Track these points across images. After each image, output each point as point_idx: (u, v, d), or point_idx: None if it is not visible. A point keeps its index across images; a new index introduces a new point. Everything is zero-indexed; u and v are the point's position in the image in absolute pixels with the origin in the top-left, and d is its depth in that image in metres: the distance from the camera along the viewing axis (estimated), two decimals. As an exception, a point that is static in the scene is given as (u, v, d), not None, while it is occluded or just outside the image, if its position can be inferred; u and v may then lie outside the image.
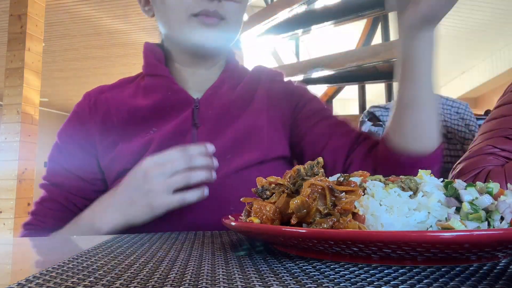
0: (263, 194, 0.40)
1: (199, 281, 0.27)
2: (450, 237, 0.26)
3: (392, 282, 0.26)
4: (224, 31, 0.70)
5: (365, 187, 0.37)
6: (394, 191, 0.35)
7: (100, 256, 0.36)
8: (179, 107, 0.72)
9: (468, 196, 0.34)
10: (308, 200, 0.34)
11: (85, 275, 0.28)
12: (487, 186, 0.36)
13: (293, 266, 0.31)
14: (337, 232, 0.29)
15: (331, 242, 0.29)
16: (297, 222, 0.35)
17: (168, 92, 0.73)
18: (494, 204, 0.34)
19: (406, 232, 0.28)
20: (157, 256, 0.36)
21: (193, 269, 0.30)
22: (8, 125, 3.71)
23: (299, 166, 0.40)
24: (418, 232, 0.28)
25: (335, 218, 0.33)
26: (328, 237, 0.29)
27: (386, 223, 0.33)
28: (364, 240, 0.27)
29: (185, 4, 0.68)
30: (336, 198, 0.35)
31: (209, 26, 0.68)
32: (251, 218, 0.38)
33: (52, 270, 0.30)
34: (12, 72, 3.79)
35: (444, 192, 0.36)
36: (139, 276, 0.28)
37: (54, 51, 6.27)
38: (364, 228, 0.32)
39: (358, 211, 0.34)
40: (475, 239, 0.26)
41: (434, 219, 0.33)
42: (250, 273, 0.29)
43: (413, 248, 0.27)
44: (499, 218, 0.33)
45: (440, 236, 0.26)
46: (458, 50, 6.40)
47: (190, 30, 0.69)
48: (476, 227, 0.32)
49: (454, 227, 0.31)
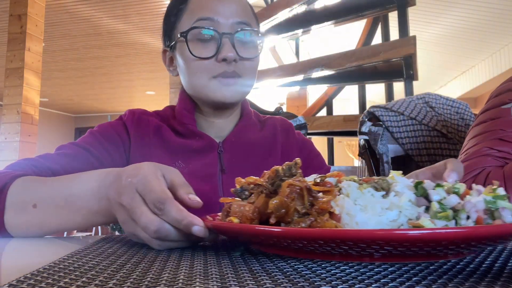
0: (242, 194, 0.41)
1: (192, 280, 0.26)
2: (417, 235, 0.28)
3: (379, 279, 0.26)
4: (241, 86, 0.79)
5: (341, 187, 0.38)
6: (368, 191, 0.37)
7: (92, 256, 0.36)
8: (205, 149, 0.81)
9: (437, 196, 0.36)
10: (286, 200, 0.35)
11: (77, 275, 0.28)
12: (454, 187, 0.38)
13: (271, 265, 0.32)
14: (312, 231, 0.30)
15: (308, 240, 0.30)
16: (276, 222, 0.35)
17: (196, 137, 0.82)
18: (461, 203, 0.35)
19: (382, 230, 0.30)
20: (149, 255, 0.36)
21: (186, 268, 0.30)
22: (8, 125, 3.71)
23: (278, 167, 0.41)
24: (387, 230, 0.30)
25: (313, 218, 0.34)
26: (304, 236, 0.30)
27: (361, 222, 0.34)
28: (340, 238, 0.29)
29: (207, 68, 0.77)
30: (313, 198, 0.36)
31: (228, 85, 0.77)
32: (230, 218, 0.39)
33: (43, 270, 0.29)
34: (12, 72, 3.80)
35: (415, 192, 0.37)
36: (132, 276, 0.28)
37: (54, 51, 6.27)
38: (340, 226, 0.34)
39: (334, 210, 0.35)
40: (442, 237, 0.28)
41: (405, 217, 0.35)
42: (243, 272, 0.29)
43: (385, 245, 0.29)
44: (465, 217, 0.35)
45: (407, 234, 0.28)
46: (458, 50, 6.39)
47: (212, 90, 0.77)
48: (444, 225, 0.34)
49: (424, 226, 0.33)
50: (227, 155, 0.82)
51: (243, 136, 0.85)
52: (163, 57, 0.88)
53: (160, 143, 0.81)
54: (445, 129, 1.37)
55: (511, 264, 0.33)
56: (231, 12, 0.78)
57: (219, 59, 0.76)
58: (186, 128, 0.83)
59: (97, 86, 8.32)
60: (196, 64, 0.77)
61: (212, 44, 0.77)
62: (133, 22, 5.30)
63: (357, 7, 2.45)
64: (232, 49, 0.76)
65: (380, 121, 1.38)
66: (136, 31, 5.58)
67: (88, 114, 10.59)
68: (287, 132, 0.92)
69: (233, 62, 0.76)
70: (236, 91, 0.79)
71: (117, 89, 8.53)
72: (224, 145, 0.83)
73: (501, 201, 0.36)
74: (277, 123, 0.93)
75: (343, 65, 2.23)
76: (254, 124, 0.89)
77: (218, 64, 0.76)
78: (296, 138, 0.93)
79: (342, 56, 2.26)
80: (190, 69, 0.78)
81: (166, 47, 0.86)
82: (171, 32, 0.83)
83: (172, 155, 0.80)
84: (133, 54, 6.37)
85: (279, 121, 0.94)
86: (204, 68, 0.77)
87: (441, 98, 1.45)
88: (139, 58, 6.49)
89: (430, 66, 6.93)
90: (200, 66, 0.77)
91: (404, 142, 1.37)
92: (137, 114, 0.86)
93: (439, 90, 8.29)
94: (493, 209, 0.35)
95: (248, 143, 0.84)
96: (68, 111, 10.47)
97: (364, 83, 2.67)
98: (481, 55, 6.64)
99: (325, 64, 2.30)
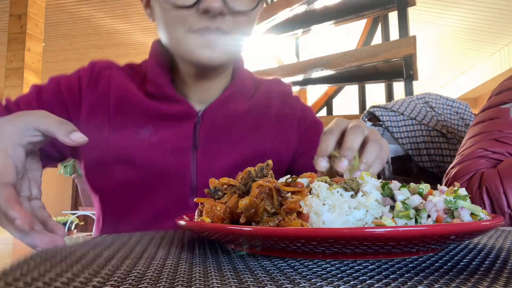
0: (215, 194, 0.42)
1: (175, 279, 0.27)
2: (368, 233, 0.29)
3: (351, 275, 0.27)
4: (227, 46, 0.63)
5: (312, 188, 0.39)
6: (337, 191, 0.38)
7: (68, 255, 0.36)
8: (179, 118, 0.69)
9: (401, 196, 0.38)
10: (256, 200, 0.36)
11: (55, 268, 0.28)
12: (418, 187, 0.39)
13: (255, 264, 0.32)
14: (275, 230, 0.31)
15: (275, 239, 0.31)
16: (247, 221, 0.37)
17: (170, 101, 0.68)
18: (423, 203, 0.37)
19: (336, 229, 0.31)
20: (136, 251, 0.36)
21: (171, 267, 0.30)
22: (8, 125, 3.70)
23: (250, 168, 0.42)
24: (334, 229, 0.32)
25: (281, 217, 0.36)
26: (269, 234, 0.31)
27: (327, 221, 0.35)
28: (301, 236, 0.30)
29: (184, 20, 0.61)
30: (282, 198, 0.37)
31: (209, 44, 0.62)
32: (202, 218, 0.40)
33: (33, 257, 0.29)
34: (12, 72, 3.79)
35: (381, 192, 0.39)
36: (116, 275, 0.28)
37: (54, 51, 6.27)
38: (306, 225, 0.35)
39: (303, 210, 0.36)
40: (395, 235, 0.29)
41: (371, 217, 0.36)
42: (226, 271, 0.29)
43: (348, 243, 0.30)
44: (426, 216, 0.36)
45: (363, 232, 0.29)
46: (458, 50, 6.39)
47: (189, 47, 0.62)
48: (404, 224, 0.35)
49: (385, 224, 0.34)
50: (205, 128, 0.69)
51: (229, 105, 0.71)
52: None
53: (123, 104, 0.68)
54: (445, 129, 1.37)
55: (487, 261, 0.33)
56: None
57: (200, 9, 0.59)
58: (159, 89, 0.68)
59: (97, 86, 8.32)
60: (172, 14, 0.61)
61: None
62: (133, 22, 5.30)
63: (357, 7, 2.45)
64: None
65: (380, 121, 1.38)
66: (136, 31, 5.58)
67: (88, 114, 10.58)
68: (284, 99, 0.79)
69: (218, 15, 0.60)
70: (219, 52, 0.63)
71: (117, 89, 8.53)
72: (204, 115, 0.69)
73: (461, 201, 0.38)
74: (273, 87, 0.79)
75: (343, 65, 2.23)
76: (246, 90, 0.75)
77: (199, 17, 0.60)
78: (294, 106, 0.80)
79: (342, 56, 2.26)
80: (165, 18, 0.63)
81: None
82: None
83: (138, 120, 0.67)
84: (133, 54, 6.37)
85: (275, 85, 0.80)
86: (181, 19, 0.61)
87: (441, 98, 1.45)
88: (139, 58, 6.46)
89: (430, 66, 6.93)
90: (177, 16, 0.61)
91: (404, 142, 1.37)
92: (98, 68, 0.72)
93: (439, 90, 8.29)
94: (452, 209, 0.37)
95: (233, 114, 0.71)
96: (68, 111, 10.45)
97: (364, 83, 2.67)
98: (481, 55, 6.64)
99: (325, 64, 2.30)
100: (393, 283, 0.26)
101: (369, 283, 0.26)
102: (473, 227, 0.32)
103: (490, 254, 0.37)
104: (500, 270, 0.30)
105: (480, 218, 0.37)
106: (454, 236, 0.32)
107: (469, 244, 0.43)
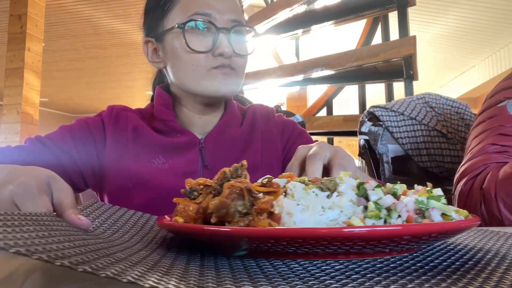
0: (191, 194, 0.42)
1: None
2: (325, 232, 0.29)
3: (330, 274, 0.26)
4: (236, 80, 0.80)
5: (287, 188, 0.39)
6: (313, 191, 0.38)
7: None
8: (186, 146, 0.81)
9: (374, 196, 0.38)
10: (226, 200, 0.37)
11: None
12: (393, 187, 0.39)
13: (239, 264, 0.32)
14: (239, 230, 0.31)
15: (235, 239, 0.32)
16: (220, 221, 0.37)
17: (177, 133, 0.81)
18: (395, 203, 0.37)
19: (295, 229, 0.32)
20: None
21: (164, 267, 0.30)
22: (8, 125, 3.71)
23: (226, 169, 0.43)
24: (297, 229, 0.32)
25: (251, 217, 0.36)
26: (232, 234, 0.32)
27: (298, 221, 0.35)
28: (259, 237, 0.31)
29: (203, 61, 0.76)
30: (254, 198, 0.37)
31: (226, 75, 0.78)
32: (175, 218, 0.40)
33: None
34: (12, 72, 3.80)
35: (356, 193, 0.39)
36: None
37: (54, 51, 6.27)
38: (275, 225, 0.35)
39: (274, 210, 0.36)
40: (349, 235, 0.30)
41: (345, 217, 0.36)
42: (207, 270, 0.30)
43: (317, 243, 0.31)
44: (396, 216, 0.36)
45: (317, 231, 0.30)
46: (458, 50, 6.39)
47: (212, 80, 0.77)
48: (372, 224, 0.35)
49: (353, 224, 0.34)
50: (209, 152, 0.81)
51: (225, 131, 0.84)
52: (144, 48, 0.86)
53: (139, 139, 0.81)
54: (445, 129, 1.37)
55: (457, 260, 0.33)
56: (226, 8, 0.78)
57: (216, 54, 0.76)
58: (166, 124, 0.82)
59: (97, 86, 8.32)
60: (192, 57, 0.77)
61: (208, 38, 0.77)
62: (133, 22, 5.30)
63: (357, 7, 2.45)
64: (229, 44, 0.76)
65: (380, 121, 1.38)
66: (136, 31, 5.57)
67: (88, 114, 10.51)
68: (267, 117, 0.91)
69: (229, 57, 0.77)
70: (232, 84, 0.79)
71: (117, 89, 8.53)
72: (206, 142, 0.82)
73: (433, 201, 0.37)
74: (256, 110, 0.92)
75: (343, 65, 2.23)
76: (237, 117, 0.88)
77: (214, 58, 0.76)
78: (276, 121, 0.92)
79: (342, 56, 2.26)
80: (185, 61, 0.78)
81: (150, 37, 0.84)
82: (157, 22, 0.82)
83: (151, 152, 0.80)
84: (133, 54, 6.37)
85: (259, 108, 0.94)
86: (201, 60, 0.76)
87: (441, 98, 1.45)
88: (139, 58, 6.48)
89: (430, 66, 6.93)
90: (197, 58, 0.76)
91: (404, 142, 1.37)
92: (116, 110, 0.85)
93: (439, 90, 8.29)
94: (423, 209, 0.37)
95: (229, 139, 0.84)
96: (68, 111, 10.47)
97: (364, 83, 2.67)
98: (481, 55, 6.64)
99: (325, 64, 2.30)
100: (351, 284, 0.26)
101: (328, 283, 0.26)
102: (432, 228, 0.32)
103: (465, 254, 0.36)
104: (467, 271, 0.30)
105: (452, 219, 0.37)
106: (410, 236, 0.31)
107: (448, 244, 0.43)
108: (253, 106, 0.94)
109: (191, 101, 0.83)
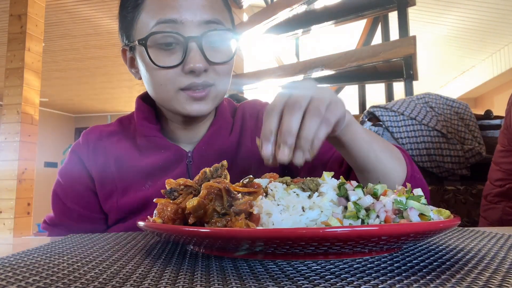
0: (172, 195, 0.42)
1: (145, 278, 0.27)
2: (296, 233, 0.29)
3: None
4: (214, 97, 0.69)
5: (268, 188, 0.39)
6: (294, 191, 0.38)
7: (45, 256, 0.36)
8: (173, 162, 0.74)
9: (354, 196, 0.38)
10: (204, 201, 0.36)
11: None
12: (373, 187, 0.39)
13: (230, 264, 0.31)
14: (216, 231, 0.31)
15: (208, 239, 0.32)
16: (198, 222, 0.37)
17: (161, 150, 0.74)
18: (374, 203, 0.37)
19: (267, 230, 0.31)
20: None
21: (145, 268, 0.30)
22: (8, 125, 3.71)
23: (206, 169, 0.42)
24: (268, 230, 0.32)
25: (229, 218, 0.36)
26: (207, 235, 0.31)
27: (277, 221, 0.35)
28: (232, 237, 0.30)
29: (172, 79, 0.66)
30: (232, 198, 0.37)
31: (198, 100, 0.67)
32: (154, 219, 0.40)
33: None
34: (12, 72, 3.79)
35: (337, 193, 0.39)
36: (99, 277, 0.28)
37: (54, 51, 6.27)
38: (252, 226, 0.35)
39: (253, 210, 0.36)
40: (324, 235, 0.29)
41: (325, 217, 0.36)
42: (197, 271, 0.30)
43: (294, 243, 0.30)
44: (375, 216, 0.36)
45: (296, 232, 0.30)
46: (458, 50, 6.39)
47: (179, 104, 0.68)
48: (349, 224, 0.35)
49: (331, 224, 0.34)
50: (196, 165, 0.74)
51: (214, 142, 0.77)
52: (123, 56, 0.76)
53: (123, 170, 0.75)
54: (445, 129, 1.37)
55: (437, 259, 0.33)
56: (196, 8, 0.65)
57: (186, 70, 0.65)
58: (150, 141, 0.75)
59: (97, 86, 8.31)
60: (159, 74, 0.66)
61: (178, 49, 0.65)
62: (133, 22, 5.29)
63: (357, 7, 2.45)
64: (200, 56, 0.64)
65: (380, 121, 1.38)
66: (136, 31, 5.57)
67: (88, 114, 10.58)
68: (256, 117, 0.83)
69: (203, 72, 0.65)
70: (207, 103, 0.68)
71: (117, 89, 8.52)
72: (194, 155, 0.75)
73: (412, 201, 0.37)
74: (246, 109, 0.84)
75: (343, 65, 2.23)
76: (226, 125, 0.80)
77: (185, 75, 0.65)
78: None
79: (342, 56, 2.26)
80: (153, 78, 0.67)
81: (125, 46, 0.74)
82: (129, 31, 0.71)
83: (139, 179, 0.74)
84: (133, 54, 6.37)
85: (248, 107, 0.84)
86: (169, 79, 0.65)
87: (441, 98, 1.45)
88: (139, 58, 6.48)
89: (430, 66, 6.93)
90: (164, 76, 0.66)
91: (404, 142, 1.37)
92: (91, 142, 0.78)
93: (439, 90, 8.29)
94: (402, 210, 0.37)
95: (218, 150, 0.77)
96: (68, 111, 10.47)
97: (364, 83, 2.67)
98: (481, 55, 6.64)
99: (325, 64, 2.30)
100: (324, 283, 0.26)
101: (301, 283, 0.26)
102: (408, 229, 0.31)
103: (445, 255, 0.36)
104: (442, 271, 0.30)
105: (430, 219, 0.36)
106: (388, 237, 0.31)
107: (430, 245, 0.42)
108: (243, 106, 0.86)
109: (171, 115, 0.75)
